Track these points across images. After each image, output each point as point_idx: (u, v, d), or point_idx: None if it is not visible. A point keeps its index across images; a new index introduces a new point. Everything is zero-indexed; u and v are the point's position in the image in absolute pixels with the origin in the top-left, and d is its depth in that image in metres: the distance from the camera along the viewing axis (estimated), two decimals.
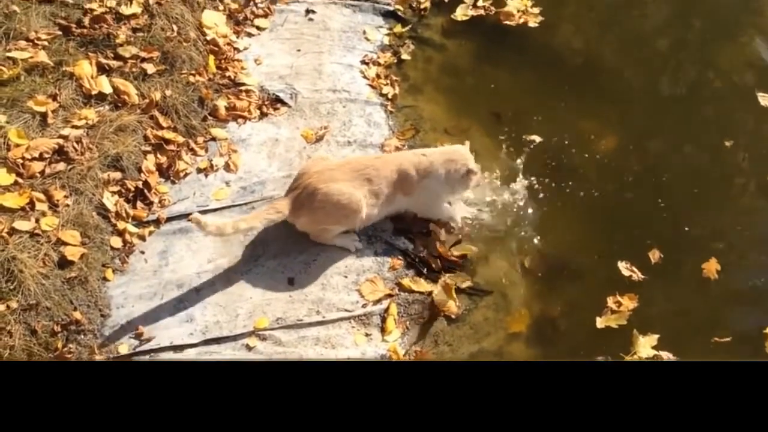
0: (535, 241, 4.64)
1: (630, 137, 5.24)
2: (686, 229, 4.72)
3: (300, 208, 4.23)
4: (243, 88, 5.25)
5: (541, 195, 4.85)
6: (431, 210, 4.61)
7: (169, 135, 4.76)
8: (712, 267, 4.50)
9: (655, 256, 4.55)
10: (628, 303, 4.33)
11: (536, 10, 6.14)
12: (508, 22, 6.07)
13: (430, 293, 4.31)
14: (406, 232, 4.60)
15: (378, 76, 5.57)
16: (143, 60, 4.95)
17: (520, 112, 5.40)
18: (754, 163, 5.12)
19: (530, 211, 4.76)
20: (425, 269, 4.43)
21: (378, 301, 4.27)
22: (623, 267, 4.51)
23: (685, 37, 6.18)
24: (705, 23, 6.30)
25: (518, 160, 5.02)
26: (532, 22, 6.06)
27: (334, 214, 4.23)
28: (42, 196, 4.16)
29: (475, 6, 6.18)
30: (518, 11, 6.13)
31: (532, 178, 4.92)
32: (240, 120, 5.08)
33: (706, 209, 4.86)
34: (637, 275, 4.47)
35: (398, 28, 6.01)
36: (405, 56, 5.78)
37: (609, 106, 5.47)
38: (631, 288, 4.40)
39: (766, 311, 4.40)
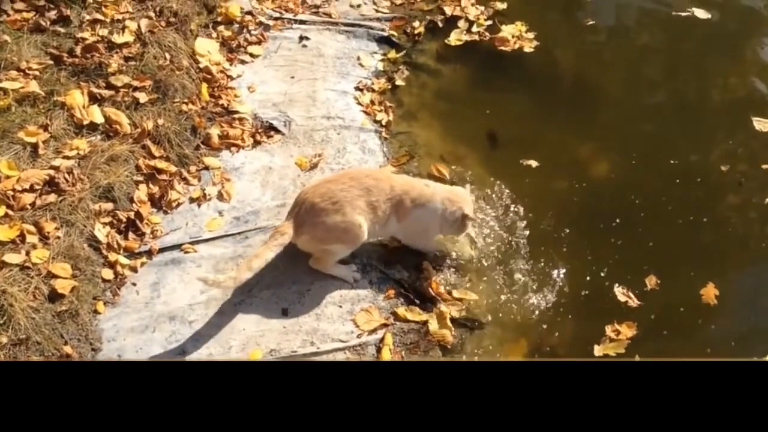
0: (531, 268, 4.60)
1: (625, 161, 5.22)
2: (682, 253, 4.69)
3: (302, 225, 4.16)
4: (236, 116, 5.21)
5: (537, 220, 4.83)
6: (420, 242, 4.56)
7: (161, 164, 4.72)
8: (710, 292, 4.45)
9: (651, 281, 4.52)
10: (627, 331, 4.28)
11: (531, 35, 6.12)
12: (503, 48, 6.04)
13: (425, 323, 4.26)
14: (400, 262, 4.55)
15: (372, 102, 5.55)
16: (135, 89, 4.92)
17: (516, 136, 5.38)
18: (751, 188, 5.08)
19: (525, 237, 4.73)
20: (419, 299, 4.38)
21: (373, 331, 4.21)
22: (619, 292, 4.48)
23: (679, 61, 6.14)
24: (698, 47, 6.29)
25: (514, 185, 4.99)
26: (528, 47, 6.04)
27: (334, 230, 4.16)
28: (32, 229, 4.12)
29: (469, 31, 6.17)
30: (513, 36, 6.10)
31: (528, 204, 4.89)
32: (233, 148, 5.04)
33: (702, 234, 4.83)
34: (633, 301, 4.43)
35: (392, 54, 5.99)
36: (399, 82, 5.75)
37: (605, 131, 5.45)
38: (629, 315, 4.36)
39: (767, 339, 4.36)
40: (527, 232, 4.75)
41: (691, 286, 4.52)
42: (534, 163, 5.15)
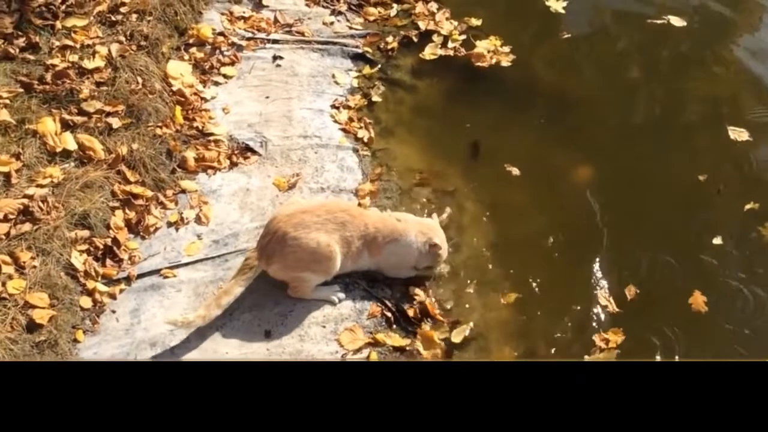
0: (512, 279, 4.58)
1: (603, 171, 5.21)
2: (662, 262, 4.68)
3: (272, 255, 4.14)
4: (211, 138, 5.15)
5: (517, 228, 4.83)
6: (398, 273, 4.53)
7: (137, 189, 4.66)
8: (698, 300, 4.43)
9: (630, 291, 4.50)
10: (615, 337, 4.25)
11: (507, 49, 6.10)
12: (480, 64, 6.01)
13: (404, 347, 4.21)
14: (384, 280, 4.51)
15: (349, 119, 5.50)
16: (108, 114, 4.86)
17: (495, 149, 5.35)
18: (730, 194, 5.08)
19: (505, 245, 4.73)
20: (402, 318, 4.34)
21: (358, 350, 4.15)
22: (601, 295, 4.47)
23: (655, 71, 6.14)
24: (674, 56, 6.31)
25: (494, 197, 4.99)
26: (505, 62, 6.01)
27: (305, 260, 4.13)
28: (8, 259, 4.05)
29: (444, 46, 6.15)
30: (488, 52, 6.08)
31: (508, 215, 4.90)
32: (210, 171, 4.99)
33: (682, 243, 4.82)
34: (613, 306, 4.41)
35: (367, 70, 5.95)
36: (376, 98, 5.71)
37: (583, 142, 5.42)
38: (614, 322, 4.34)
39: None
40: (504, 241, 4.76)
41: (676, 294, 4.51)
42: (515, 172, 5.15)
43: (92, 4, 5.49)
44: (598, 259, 4.70)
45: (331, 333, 4.21)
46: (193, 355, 4.02)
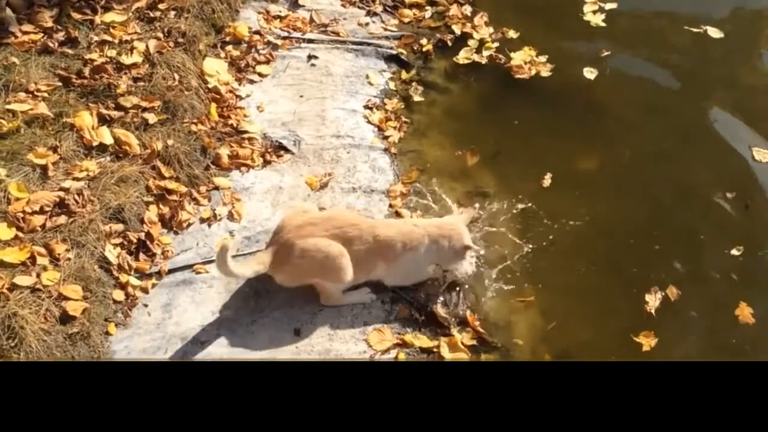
0: (545, 281, 4.58)
1: (634, 183, 5.22)
2: (696, 274, 4.68)
3: (280, 264, 4.15)
4: (246, 135, 5.19)
5: (550, 233, 4.83)
6: (410, 279, 4.50)
7: (171, 185, 4.70)
8: (745, 311, 4.41)
9: (672, 292, 4.50)
10: (648, 341, 4.25)
11: (543, 59, 6.08)
12: (520, 76, 5.97)
13: (432, 349, 4.22)
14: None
15: (382, 120, 5.52)
16: (144, 110, 4.91)
17: (527, 152, 5.38)
18: (758, 212, 5.07)
19: (538, 250, 4.73)
20: (431, 320, 4.35)
21: (386, 351, 4.17)
22: (652, 291, 4.50)
23: (690, 84, 6.08)
24: (710, 71, 6.22)
25: (528, 201, 4.99)
26: (545, 72, 5.99)
27: (313, 269, 4.15)
28: (43, 251, 4.10)
29: (479, 53, 6.14)
30: (526, 63, 6.04)
31: (541, 217, 4.91)
32: (243, 168, 5.03)
33: (716, 256, 4.80)
34: (654, 301, 4.42)
35: (405, 75, 5.97)
36: (417, 98, 5.77)
37: (615, 152, 5.41)
38: (648, 325, 4.35)
39: None
40: (540, 250, 4.74)
41: (720, 305, 4.51)
42: (547, 182, 5.14)
43: (131, 0, 5.55)
44: (631, 267, 4.70)
45: (360, 333, 4.24)
46: (223, 351, 4.06)
